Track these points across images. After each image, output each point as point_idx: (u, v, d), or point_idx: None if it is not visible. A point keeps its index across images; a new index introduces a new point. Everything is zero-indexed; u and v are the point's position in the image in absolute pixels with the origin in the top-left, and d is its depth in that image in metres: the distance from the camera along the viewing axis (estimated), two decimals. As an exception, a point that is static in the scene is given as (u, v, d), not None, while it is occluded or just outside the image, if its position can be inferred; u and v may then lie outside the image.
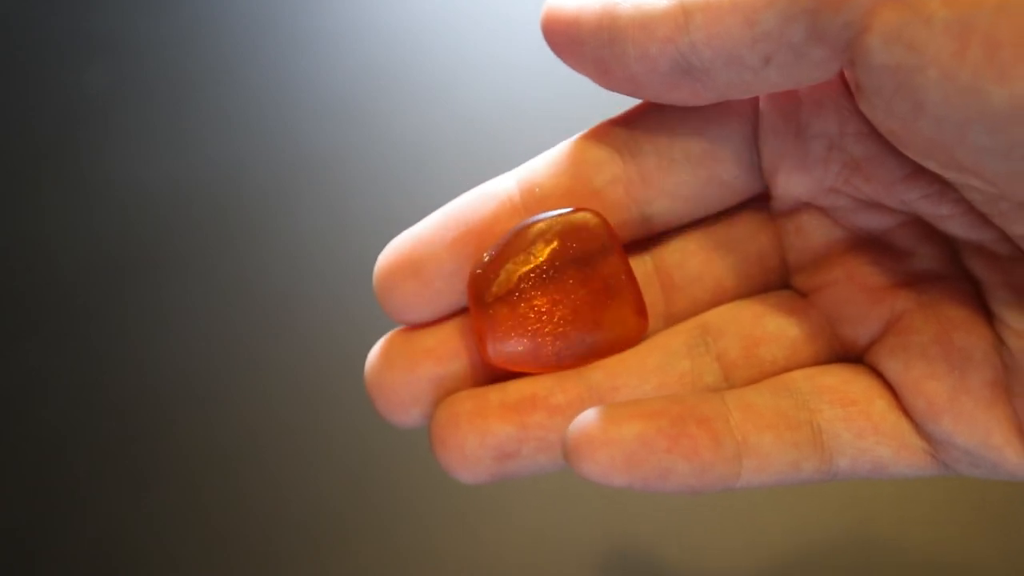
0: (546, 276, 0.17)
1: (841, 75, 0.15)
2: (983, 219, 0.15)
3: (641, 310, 0.17)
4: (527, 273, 0.17)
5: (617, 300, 0.17)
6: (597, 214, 0.17)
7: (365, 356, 0.18)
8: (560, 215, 0.17)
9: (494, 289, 0.17)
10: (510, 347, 0.17)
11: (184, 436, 0.32)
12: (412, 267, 0.17)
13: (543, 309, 0.17)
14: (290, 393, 0.33)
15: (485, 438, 0.16)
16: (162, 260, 0.36)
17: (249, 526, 0.30)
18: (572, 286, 0.17)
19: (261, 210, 0.38)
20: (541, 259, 0.17)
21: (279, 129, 0.40)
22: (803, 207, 0.18)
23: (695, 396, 0.16)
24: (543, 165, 0.18)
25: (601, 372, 0.17)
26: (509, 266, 0.17)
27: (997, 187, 0.14)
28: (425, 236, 0.17)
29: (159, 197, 0.38)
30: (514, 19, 0.43)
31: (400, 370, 0.17)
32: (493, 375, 0.17)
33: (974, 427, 0.15)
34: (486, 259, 0.17)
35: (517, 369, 0.17)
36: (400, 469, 0.31)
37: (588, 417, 0.15)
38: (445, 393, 0.17)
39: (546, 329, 0.17)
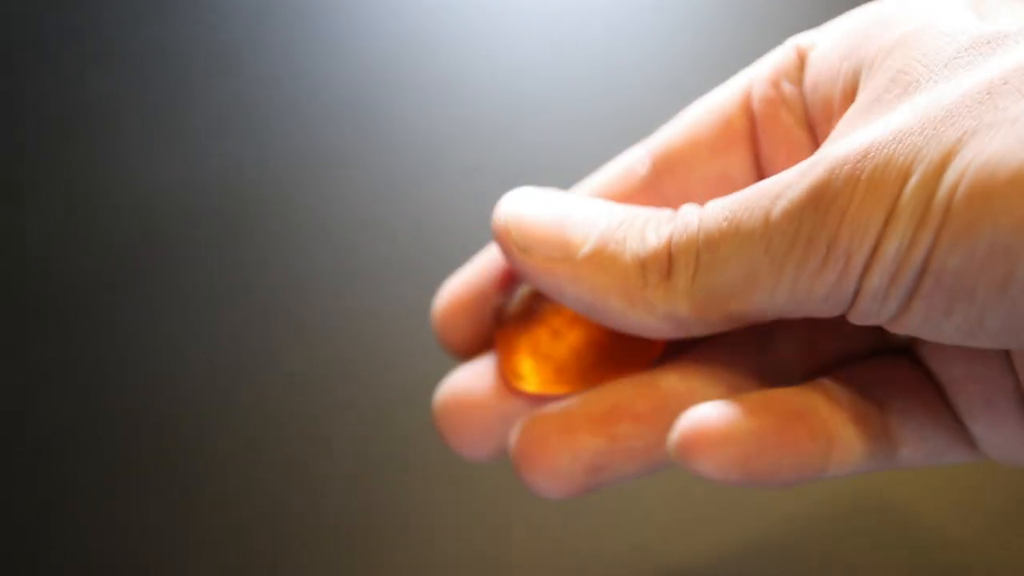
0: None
1: None
2: None
3: None
4: (545, 301, 0.18)
5: None
6: None
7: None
8: None
9: (515, 322, 0.18)
10: (534, 374, 0.17)
11: (184, 436, 0.32)
12: (466, 306, 0.18)
13: (561, 331, 0.17)
14: (291, 393, 0.33)
15: (577, 453, 0.16)
16: (163, 261, 0.36)
17: (250, 526, 0.30)
18: None
19: (262, 211, 0.38)
20: None
21: (279, 129, 0.40)
22: None
23: (783, 392, 0.16)
24: None
25: (674, 376, 0.17)
26: (527, 297, 0.18)
27: None
28: (474, 276, 0.19)
29: (160, 198, 0.38)
30: (516, 19, 0.43)
31: (472, 407, 0.18)
32: None
33: (1006, 427, 0.16)
34: (505, 293, 0.18)
35: (543, 391, 0.18)
36: (401, 469, 0.31)
37: (700, 416, 0.15)
38: (513, 422, 0.18)
39: (566, 354, 0.17)
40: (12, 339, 0.35)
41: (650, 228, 0.15)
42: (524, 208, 0.16)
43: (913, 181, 0.12)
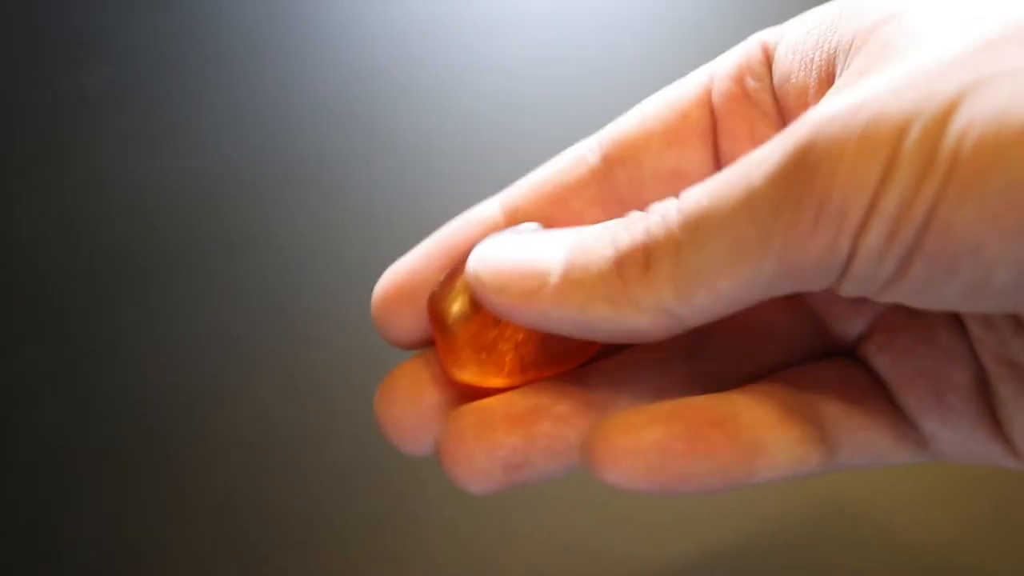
0: None
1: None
2: None
3: None
4: None
5: None
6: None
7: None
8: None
9: (453, 308, 0.17)
10: (473, 363, 0.17)
11: (182, 435, 0.32)
12: (406, 294, 0.18)
13: (499, 323, 0.17)
14: (288, 392, 0.32)
15: (493, 451, 0.16)
16: (158, 260, 0.36)
17: (247, 526, 0.30)
18: None
19: (259, 210, 0.38)
20: None
21: (276, 129, 0.40)
22: None
23: (704, 398, 0.16)
24: (524, 190, 0.18)
25: (600, 378, 0.17)
26: (461, 284, 0.17)
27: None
28: (417, 264, 0.18)
29: (159, 198, 0.38)
30: (514, 20, 0.43)
31: (407, 402, 0.18)
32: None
33: (960, 423, 0.16)
34: (443, 279, 0.17)
35: (485, 385, 0.17)
36: (402, 471, 0.31)
37: (606, 426, 0.15)
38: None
39: (505, 343, 0.17)
40: (6, 338, 0.35)
41: (620, 229, 0.15)
42: (492, 252, 0.16)
43: (914, 132, 0.12)
